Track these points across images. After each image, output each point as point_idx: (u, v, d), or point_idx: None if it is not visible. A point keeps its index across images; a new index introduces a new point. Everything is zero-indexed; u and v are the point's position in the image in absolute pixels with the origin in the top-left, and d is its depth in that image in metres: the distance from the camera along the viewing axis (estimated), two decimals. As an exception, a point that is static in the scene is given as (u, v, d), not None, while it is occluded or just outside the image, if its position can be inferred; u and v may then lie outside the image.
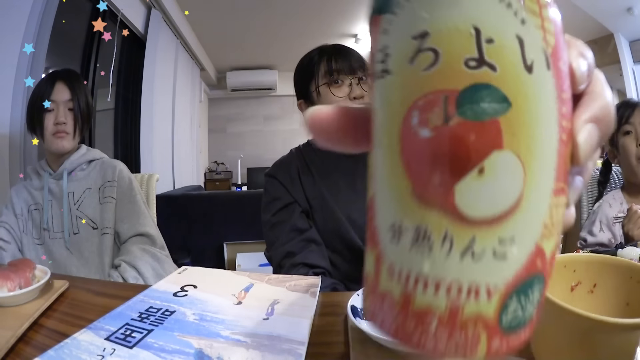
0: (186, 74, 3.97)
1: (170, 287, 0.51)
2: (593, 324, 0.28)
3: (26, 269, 0.55)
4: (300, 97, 0.94)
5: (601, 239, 1.06)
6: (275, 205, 0.90)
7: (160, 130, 3.07)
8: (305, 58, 0.93)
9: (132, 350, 0.36)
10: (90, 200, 1.05)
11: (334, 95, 0.86)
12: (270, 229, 0.89)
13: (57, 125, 1.00)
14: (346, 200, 0.88)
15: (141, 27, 2.79)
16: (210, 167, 5.42)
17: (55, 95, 1.01)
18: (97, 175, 1.08)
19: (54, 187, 1.05)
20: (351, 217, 0.87)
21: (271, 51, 4.69)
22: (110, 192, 1.06)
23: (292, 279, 0.56)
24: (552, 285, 0.36)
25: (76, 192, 1.05)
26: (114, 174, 1.08)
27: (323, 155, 0.93)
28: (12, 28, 1.37)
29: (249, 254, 2.42)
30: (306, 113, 0.18)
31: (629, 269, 0.37)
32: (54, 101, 1.00)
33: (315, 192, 0.90)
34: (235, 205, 2.50)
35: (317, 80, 0.88)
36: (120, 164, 1.12)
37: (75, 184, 1.06)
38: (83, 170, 1.08)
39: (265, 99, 5.69)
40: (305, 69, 0.91)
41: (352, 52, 0.90)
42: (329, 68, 0.87)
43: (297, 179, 0.91)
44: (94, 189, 1.07)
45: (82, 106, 1.04)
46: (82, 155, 1.09)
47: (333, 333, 0.45)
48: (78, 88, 1.04)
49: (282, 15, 3.66)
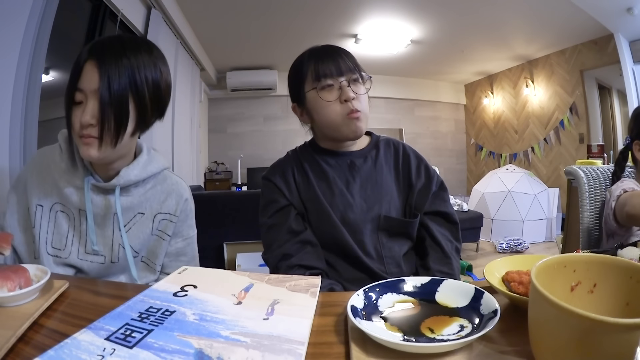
0: (186, 74, 3.97)
1: (170, 287, 0.51)
2: (593, 324, 0.28)
3: (25, 270, 0.55)
4: (294, 100, 0.94)
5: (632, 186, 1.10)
6: (271, 208, 0.89)
7: (160, 130, 3.06)
8: (297, 61, 0.91)
9: (132, 350, 0.36)
10: (141, 229, 0.83)
11: (322, 100, 0.84)
12: (267, 232, 0.89)
13: (82, 128, 0.71)
14: (341, 202, 0.88)
15: (141, 27, 2.79)
16: (210, 167, 5.42)
17: (83, 81, 0.70)
18: (154, 198, 0.84)
19: (96, 199, 0.79)
20: (345, 219, 0.87)
21: (271, 51, 4.69)
22: (165, 227, 0.85)
23: (292, 279, 0.56)
24: (552, 285, 0.36)
25: (125, 215, 0.81)
26: (177, 204, 0.86)
27: (319, 157, 0.93)
28: (13, 28, 1.37)
29: (249, 254, 2.42)
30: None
31: (629, 269, 0.37)
32: (81, 90, 0.70)
33: (310, 194, 0.89)
34: (235, 205, 2.49)
35: (306, 85, 0.87)
36: (186, 189, 0.90)
37: (125, 203, 0.81)
38: (137, 187, 0.82)
39: (265, 99, 5.70)
40: (296, 73, 0.90)
41: (342, 52, 0.87)
42: (316, 72, 0.85)
43: (292, 182, 0.91)
44: (148, 216, 0.83)
45: (116, 96, 0.69)
46: (143, 167, 0.82)
47: (333, 333, 0.45)
48: (115, 66, 0.69)
49: (282, 15, 3.66)
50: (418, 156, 0.99)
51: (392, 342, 0.38)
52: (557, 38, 4.27)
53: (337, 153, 0.93)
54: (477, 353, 0.39)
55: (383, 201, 0.90)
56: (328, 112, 0.85)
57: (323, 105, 0.85)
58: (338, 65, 0.85)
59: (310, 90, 0.86)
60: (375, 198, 0.90)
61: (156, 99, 0.76)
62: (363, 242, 0.86)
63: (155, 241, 0.85)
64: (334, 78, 0.84)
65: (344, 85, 0.84)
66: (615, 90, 4.54)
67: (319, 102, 0.85)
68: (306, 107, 0.90)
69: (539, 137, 5.09)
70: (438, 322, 0.44)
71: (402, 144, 1.00)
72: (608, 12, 3.44)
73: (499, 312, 0.41)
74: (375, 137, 1.00)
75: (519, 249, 3.69)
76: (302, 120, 0.95)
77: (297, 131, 1.02)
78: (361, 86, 0.87)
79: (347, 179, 0.90)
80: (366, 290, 0.49)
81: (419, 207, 0.93)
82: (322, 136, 0.94)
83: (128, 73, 0.71)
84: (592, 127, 4.44)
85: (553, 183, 4.61)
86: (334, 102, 0.84)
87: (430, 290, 0.50)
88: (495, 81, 5.83)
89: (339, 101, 0.84)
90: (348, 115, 0.84)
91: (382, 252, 0.87)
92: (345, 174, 0.91)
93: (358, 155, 0.93)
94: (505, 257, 0.57)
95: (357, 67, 0.87)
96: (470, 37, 4.31)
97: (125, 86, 0.70)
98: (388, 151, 0.97)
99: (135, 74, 0.71)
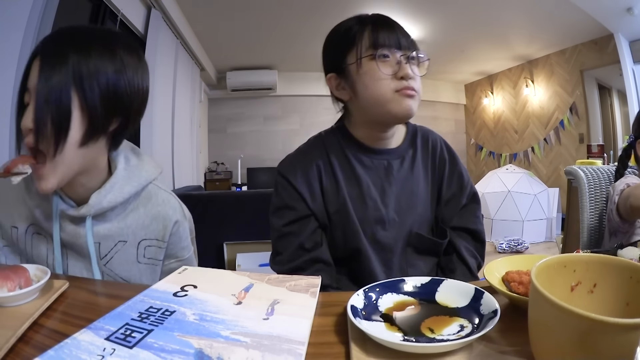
0: (186, 74, 3.97)
1: (170, 287, 0.51)
2: (593, 324, 0.28)
3: (25, 270, 0.55)
4: (331, 70, 0.80)
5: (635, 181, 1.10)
6: (288, 215, 0.77)
7: (160, 130, 3.06)
8: (341, 27, 0.79)
9: (132, 350, 0.36)
10: (124, 258, 0.71)
11: (379, 71, 0.72)
12: (279, 239, 0.78)
13: (26, 136, 0.58)
14: (373, 217, 0.77)
15: (141, 27, 2.79)
16: (210, 167, 5.42)
17: (30, 79, 0.59)
18: (137, 223, 0.71)
19: (69, 227, 0.67)
20: (376, 237, 0.76)
21: (271, 51, 4.70)
22: (154, 254, 0.74)
23: (292, 279, 0.56)
24: (552, 285, 0.36)
25: (103, 245, 0.69)
26: (165, 229, 0.73)
27: (351, 154, 0.79)
28: (13, 27, 1.37)
29: (249, 254, 2.42)
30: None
31: (629, 269, 0.37)
32: (28, 90, 0.59)
33: (338, 205, 0.77)
34: (235, 205, 2.49)
35: (359, 51, 0.74)
36: (176, 209, 0.76)
37: (103, 231, 0.69)
38: (115, 212, 0.70)
39: (265, 99, 5.70)
40: (341, 38, 0.77)
41: (397, 25, 0.76)
42: (374, 39, 0.73)
43: (317, 186, 0.78)
44: (131, 243, 0.71)
45: (53, 90, 0.56)
46: (119, 189, 0.68)
47: (333, 333, 0.45)
48: (56, 55, 0.57)
49: (282, 15, 3.66)
50: (453, 159, 0.88)
51: (392, 342, 0.38)
52: (557, 38, 4.27)
53: (373, 151, 0.81)
54: (477, 353, 0.39)
55: (415, 214, 0.80)
56: (379, 86, 0.73)
57: (375, 76, 0.73)
58: (397, 38, 0.74)
59: (362, 57, 0.74)
60: (409, 211, 0.80)
61: (113, 101, 0.61)
62: (391, 261, 0.78)
63: (146, 269, 0.74)
64: (392, 50, 0.73)
65: (402, 61, 0.73)
66: (615, 90, 4.54)
67: (371, 73, 0.73)
68: (349, 79, 0.77)
69: (539, 137, 5.09)
70: (438, 322, 0.44)
71: (440, 141, 0.90)
72: (608, 12, 3.44)
73: (499, 312, 0.41)
74: (412, 128, 0.88)
75: (519, 249, 3.69)
76: (337, 94, 0.81)
77: (297, 131, 1.01)
78: (416, 68, 0.76)
79: (383, 186, 0.79)
80: (366, 290, 0.49)
81: (446, 222, 0.83)
82: (360, 119, 0.80)
83: (72, 63, 0.57)
84: (592, 127, 4.44)
85: (553, 183, 4.61)
86: (390, 77, 0.73)
87: (430, 290, 0.50)
88: (495, 81, 5.83)
89: (395, 77, 0.73)
90: (401, 90, 0.73)
91: (408, 271, 0.79)
92: (381, 180, 0.79)
93: (395, 155, 0.82)
94: (505, 257, 0.57)
95: (416, 45, 0.76)
96: (470, 36, 4.31)
97: (66, 79, 0.57)
98: (425, 150, 0.86)
99: (81, 65, 0.58)
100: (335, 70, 0.79)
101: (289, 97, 5.68)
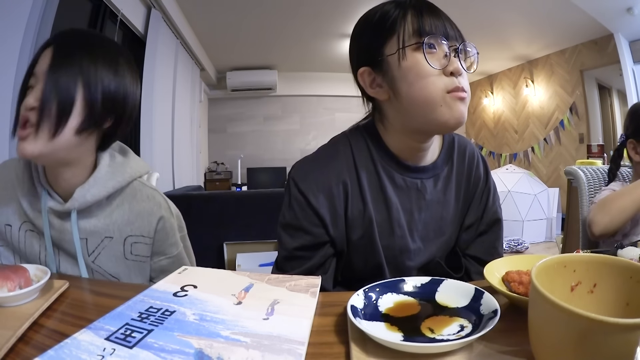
0: (186, 74, 3.97)
1: (170, 287, 0.51)
2: (593, 324, 0.28)
3: (25, 270, 0.55)
4: (365, 63, 0.66)
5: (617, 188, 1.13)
6: (303, 239, 0.67)
7: (160, 130, 3.06)
8: (375, 13, 0.66)
9: (132, 350, 0.36)
10: (112, 253, 0.73)
11: (427, 64, 0.60)
12: (287, 260, 0.68)
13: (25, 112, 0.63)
14: (399, 246, 0.68)
15: (141, 27, 2.79)
16: (210, 167, 5.42)
17: (39, 65, 0.64)
18: (122, 219, 0.73)
19: (57, 223, 0.70)
20: (399, 266, 0.69)
21: (271, 51, 4.70)
22: (141, 250, 0.75)
23: (292, 279, 0.56)
24: (552, 285, 0.36)
25: (90, 241, 0.71)
26: (150, 225, 0.75)
27: (382, 170, 0.68)
28: (13, 28, 1.37)
29: (249, 254, 2.42)
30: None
31: (629, 269, 0.37)
32: (34, 75, 0.64)
33: (362, 230, 0.67)
34: (235, 205, 2.50)
35: (401, 39, 0.61)
36: (161, 205, 0.77)
37: (89, 226, 0.71)
38: (101, 207, 0.72)
39: (265, 99, 5.70)
40: (377, 25, 0.64)
41: (442, 12, 0.64)
42: (420, 25, 0.61)
43: (342, 211, 0.67)
44: (117, 239, 0.73)
45: (64, 79, 0.63)
46: (103, 183, 0.70)
47: (333, 333, 0.45)
48: (71, 49, 0.65)
49: (282, 15, 3.66)
50: (487, 177, 0.78)
51: (392, 342, 0.38)
52: (557, 38, 4.27)
53: (408, 168, 0.69)
54: (477, 353, 0.39)
55: (441, 241, 0.72)
56: (427, 84, 0.60)
57: (421, 72, 0.60)
58: (444, 26, 0.62)
59: (406, 47, 0.61)
60: (436, 239, 0.72)
61: (111, 101, 0.67)
62: None
63: (134, 265, 0.75)
64: (438, 40, 0.61)
65: (451, 54, 0.61)
66: (615, 90, 4.54)
67: (417, 68, 0.60)
68: (388, 74, 0.64)
69: (539, 137, 5.09)
70: (438, 322, 0.44)
71: (477, 154, 0.78)
72: (608, 12, 3.45)
73: (499, 312, 0.41)
74: (449, 138, 0.76)
75: (519, 249, 3.69)
76: (372, 93, 0.67)
77: (297, 131, 0.99)
78: (464, 63, 0.64)
79: (412, 210, 0.69)
80: (366, 290, 0.49)
81: (462, 247, 0.76)
82: (398, 124, 0.67)
83: (82, 59, 0.64)
84: (592, 127, 4.45)
85: (553, 183, 4.62)
86: (438, 73, 0.60)
87: (430, 290, 0.50)
88: (495, 81, 5.83)
89: (443, 73, 0.61)
90: (452, 92, 0.61)
91: None
92: (411, 203, 0.69)
93: (430, 174, 0.71)
94: (505, 257, 0.57)
95: (463, 36, 0.64)
96: (470, 36, 4.26)
97: (75, 72, 0.63)
98: (461, 165, 0.75)
99: (89, 64, 0.65)
100: (369, 63, 0.66)
101: (289, 97, 5.68)
